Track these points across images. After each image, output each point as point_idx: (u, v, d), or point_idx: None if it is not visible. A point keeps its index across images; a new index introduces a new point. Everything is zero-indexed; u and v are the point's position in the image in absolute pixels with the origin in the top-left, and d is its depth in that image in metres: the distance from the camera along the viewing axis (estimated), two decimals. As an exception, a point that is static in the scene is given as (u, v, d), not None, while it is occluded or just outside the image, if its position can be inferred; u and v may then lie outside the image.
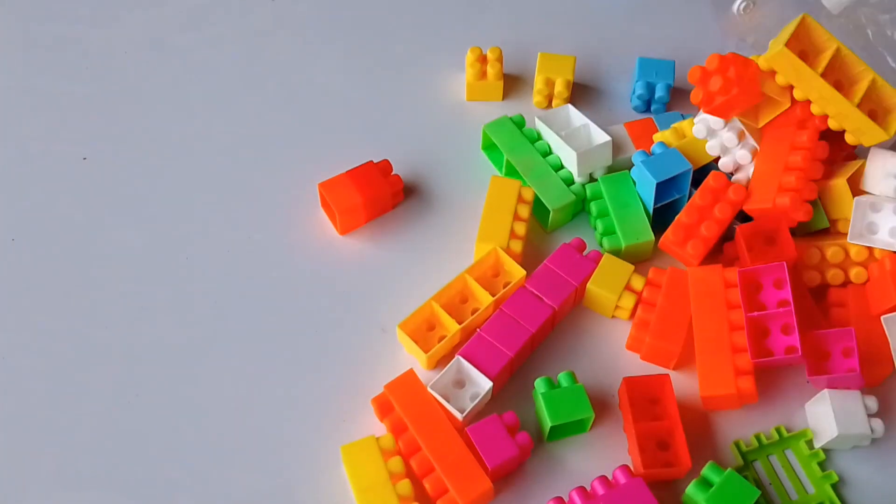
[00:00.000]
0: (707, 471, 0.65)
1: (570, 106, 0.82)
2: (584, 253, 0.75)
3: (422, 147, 0.85)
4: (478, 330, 0.71)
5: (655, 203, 0.76)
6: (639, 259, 0.77)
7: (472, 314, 0.72)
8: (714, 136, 0.77)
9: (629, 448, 0.68)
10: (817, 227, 0.76)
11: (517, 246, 0.75)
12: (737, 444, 0.69)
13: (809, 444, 0.69)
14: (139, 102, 0.87)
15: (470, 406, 0.68)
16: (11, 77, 0.89)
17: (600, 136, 0.79)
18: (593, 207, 0.78)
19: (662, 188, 0.75)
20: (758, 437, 0.70)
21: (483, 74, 0.86)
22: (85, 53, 0.90)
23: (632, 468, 0.66)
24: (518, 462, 0.67)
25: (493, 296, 0.72)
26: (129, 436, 0.69)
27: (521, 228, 0.76)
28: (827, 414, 0.68)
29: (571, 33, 0.93)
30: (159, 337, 0.74)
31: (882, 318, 0.69)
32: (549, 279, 0.73)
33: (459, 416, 0.67)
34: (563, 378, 0.69)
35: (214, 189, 0.82)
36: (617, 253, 0.76)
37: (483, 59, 0.86)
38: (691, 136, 0.77)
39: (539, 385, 0.68)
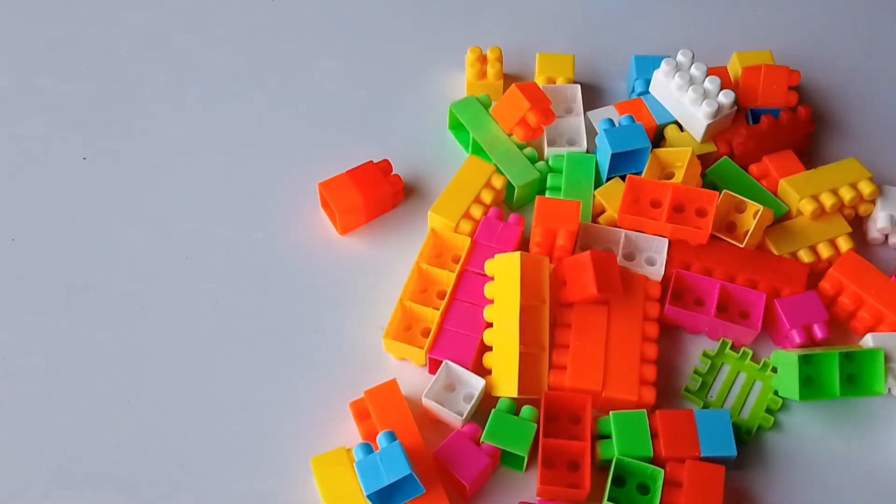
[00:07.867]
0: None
1: (577, 87, 0.83)
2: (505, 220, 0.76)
3: (422, 147, 0.85)
4: (442, 325, 0.71)
5: (611, 173, 0.78)
6: None
7: (442, 298, 0.73)
8: (697, 88, 0.78)
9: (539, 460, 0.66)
10: (777, 215, 0.77)
11: (467, 226, 0.76)
12: (706, 353, 0.73)
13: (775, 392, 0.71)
14: (139, 102, 0.87)
15: (466, 409, 0.67)
16: (11, 77, 0.89)
17: (580, 143, 0.81)
18: (549, 179, 0.79)
19: (620, 161, 0.77)
20: (727, 344, 0.73)
21: (483, 74, 0.86)
22: (85, 53, 0.90)
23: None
24: (492, 469, 0.67)
25: (453, 271, 0.73)
26: (128, 435, 0.69)
27: (477, 212, 0.76)
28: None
29: (571, 33, 0.93)
30: (159, 337, 0.74)
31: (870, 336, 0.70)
32: (485, 254, 0.74)
33: (459, 420, 0.67)
34: (525, 410, 0.67)
35: (214, 189, 0.82)
36: None
37: (483, 59, 0.86)
38: (669, 138, 0.81)
39: (500, 403, 0.67)
